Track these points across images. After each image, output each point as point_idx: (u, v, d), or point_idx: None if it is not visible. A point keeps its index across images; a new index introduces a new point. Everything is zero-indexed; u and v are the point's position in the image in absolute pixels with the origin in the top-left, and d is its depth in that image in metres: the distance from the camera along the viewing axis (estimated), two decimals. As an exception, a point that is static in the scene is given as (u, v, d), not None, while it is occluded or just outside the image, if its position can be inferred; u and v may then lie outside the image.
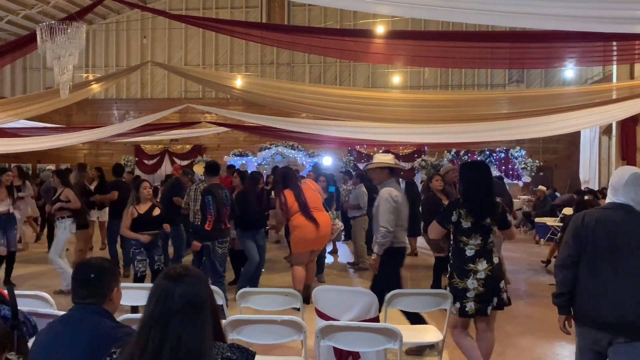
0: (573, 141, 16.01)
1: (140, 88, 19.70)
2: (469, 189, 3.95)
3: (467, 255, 3.84)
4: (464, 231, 3.86)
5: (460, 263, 3.87)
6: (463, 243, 3.87)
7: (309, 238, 6.39)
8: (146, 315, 1.68)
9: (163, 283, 1.69)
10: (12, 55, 7.80)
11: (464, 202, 3.93)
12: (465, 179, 4.02)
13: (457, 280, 3.87)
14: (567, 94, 8.68)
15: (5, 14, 17.19)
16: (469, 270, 3.82)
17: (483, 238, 3.86)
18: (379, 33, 7.12)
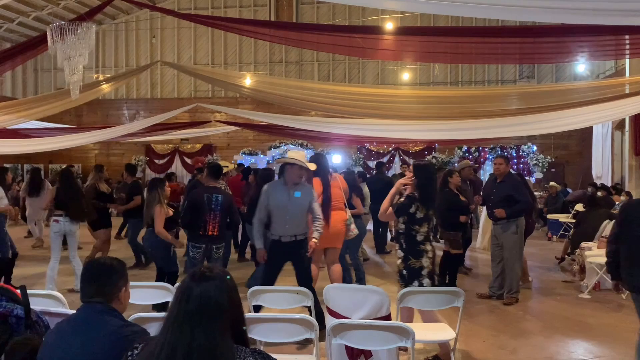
0: (585, 137, 15.86)
1: (150, 88, 19.80)
2: (424, 185, 4.55)
3: (418, 239, 4.51)
4: (418, 221, 4.51)
5: (414, 246, 4.51)
6: (415, 231, 4.51)
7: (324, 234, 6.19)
8: (168, 314, 1.70)
9: (186, 283, 1.71)
10: (23, 57, 7.86)
11: (419, 196, 4.52)
12: (421, 178, 4.57)
13: (413, 260, 4.49)
14: (579, 89, 8.59)
15: (16, 16, 17.34)
16: (422, 250, 4.49)
17: (429, 226, 4.59)
18: (387, 29, 7.09)
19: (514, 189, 6.56)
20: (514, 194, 6.49)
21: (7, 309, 2.51)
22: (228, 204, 5.88)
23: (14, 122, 9.22)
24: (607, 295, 6.76)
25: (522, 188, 6.73)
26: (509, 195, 6.50)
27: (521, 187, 6.70)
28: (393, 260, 9.39)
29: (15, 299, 2.55)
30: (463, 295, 3.89)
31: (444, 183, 6.96)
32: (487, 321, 5.84)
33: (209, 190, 5.84)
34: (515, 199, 6.47)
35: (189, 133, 14.79)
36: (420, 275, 4.44)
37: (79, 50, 6.71)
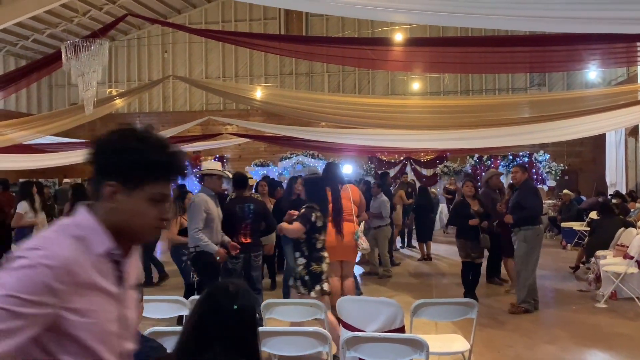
0: (598, 144, 15.73)
1: (162, 101, 20.00)
2: (319, 197, 4.93)
3: (318, 247, 4.81)
4: (319, 229, 4.80)
5: (315, 252, 4.79)
6: (315, 239, 4.80)
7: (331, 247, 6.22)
8: (188, 325, 1.73)
9: (206, 295, 1.74)
10: (38, 74, 8.02)
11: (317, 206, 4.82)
12: (316, 190, 4.97)
13: (315, 266, 4.75)
14: (591, 96, 8.56)
15: (31, 33, 17.65)
16: (322, 256, 4.81)
17: (324, 234, 4.92)
18: (397, 41, 7.13)
19: (522, 195, 6.57)
20: (521, 200, 6.50)
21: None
22: (262, 211, 5.99)
23: (30, 138, 9.38)
24: (624, 304, 6.67)
25: (531, 195, 6.71)
26: (518, 203, 6.52)
27: (529, 194, 6.69)
28: (402, 270, 9.40)
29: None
30: (477, 306, 3.87)
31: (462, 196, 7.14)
32: (502, 332, 5.79)
33: (240, 200, 5.88)
34: (522, 206, 6.48)
35: (201, 145, 14.91)
36: (320, 279, 4.70)
37: (93, 66, 6.83)
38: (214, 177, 5.35)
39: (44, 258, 1.23)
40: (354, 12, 5.85)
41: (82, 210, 1.37)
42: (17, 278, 1.20)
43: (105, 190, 1.34)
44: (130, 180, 1.34)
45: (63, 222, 1.36)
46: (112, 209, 1.35)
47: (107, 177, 1.34)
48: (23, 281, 1.20)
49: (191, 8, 19.42)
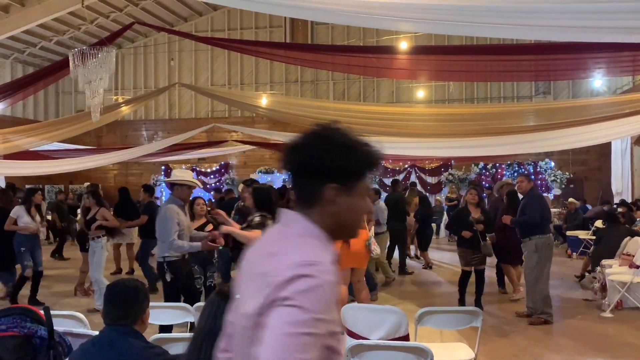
0: (603, 152, 15.68)
1: (168, 109, 20.09)
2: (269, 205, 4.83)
3: None
4: None
5: None
6: None
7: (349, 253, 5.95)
8: (199, 330, 1.74)
9: (215, 299, 1.75)
10: (45, 81, 8.09)
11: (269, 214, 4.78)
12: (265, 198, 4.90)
13: None
14: (596, 104, 8.54)
15: (38, 41, 17.80)
16: None
17: None
18: (402, 49, 7.16)
19: (527, 203, 6.58)
20: (524, 208, 6.52)
21: (31, 329, 2.56)
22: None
23: (37, 144, 9.44)
24: (630, 314, 6.63)
25: (534, 203, 6.70)
26: (522, 210, 6.54)
27: (532, 202, 6.68)
28: (406, 278, 9.37)
29: (39, 320, 2.61)
30: (481, 315, 3.86)
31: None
32: (508, 341, 5.76)
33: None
34: (524, 213, 6.48)
35: (206, 152, 14.95)
36: None
37: (100, 74, 6.87)
38: (184, 186, 5.28)
39: (326, 273, 1.21)
40: (360, 21, 5.88)
41: (296, 216, 1.34)
42: (315, 300, 1.17)
43: (326, 192, 1.32)
44: (349, 179, 1.34)
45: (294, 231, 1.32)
46: (332, 210, 1.33)
47: (328, 180, 1.32)
48: (320, 302, 1.17)
49: (197, 16, 19.55)
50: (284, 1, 4.41)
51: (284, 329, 1.13)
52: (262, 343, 1.15)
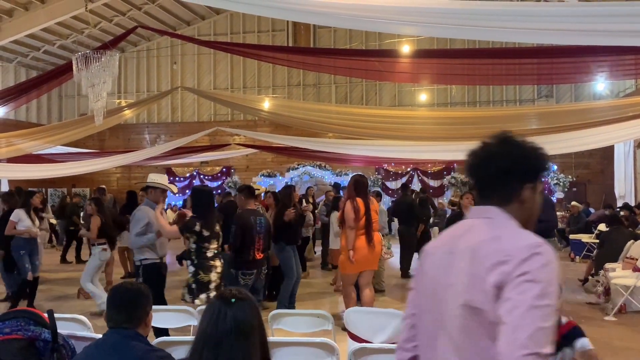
0: (606, 155, 15.66)
1: (171, 112, 20.13)
2: (205, 207, 5.02)
3: (208, 255, 4.91)
4: (206, 239, 4.90)
5: (204, 261, 4.90)
6: (205, 248, 4.91)
7: (360, 260, 6.03)
8: (199, 334, 1.75)
9: (217, 304, 1.75)
10: (49, 85, 8.11)
11: (200, 217, 4.94)
12: (202, 201, 5.06)
13: (202, 275, 4.87)
14: (599, 107, 8.55)
15: (42, 45, 17.87)
16: (211, 265, 4.90)
17: (218, 243, 5.04)
18: (404, 52, 7.17)
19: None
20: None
21: (35, 332, 2.57)
22: (269, 226, 6.02)
23: (40, 148, 9.47)
24: (634, 317, 6.62)
25: (548, 207, 6.66)
26: None
27: (546, 207, 6.63)
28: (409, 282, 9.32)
29: (43, 323, 2.61)
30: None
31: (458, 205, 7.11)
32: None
33: (252, 213, 5.83)
34: (539, 219, 6.42)
35: (209, 156, 14.97)
36: (208, 288, 4.82)
37: (103, 77, 6.90)
38: (158, 189, 5.43)
39: (550, 252, 1.42)
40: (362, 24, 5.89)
41: (497, 210, 1.57)
42: (549, 274, 1.38)
43: (524, 192, 1.57)
44: (537, 179, 1.61)
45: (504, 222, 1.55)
46: (527, 206, 1.60)
47: (526, 181, 1.58)
48: (552, 275, 1.38)
49: (200, 20, 19.61)
50: (287, 5, 4.43)
51: (531, 302, 1.33)
52: (507, 315, 1.34)
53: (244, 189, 6.15)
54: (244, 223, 5.64)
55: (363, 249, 6.00)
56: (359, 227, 5.96)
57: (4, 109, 8.39)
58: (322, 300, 7.90)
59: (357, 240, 5.97)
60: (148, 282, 5.24)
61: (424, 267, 1.69)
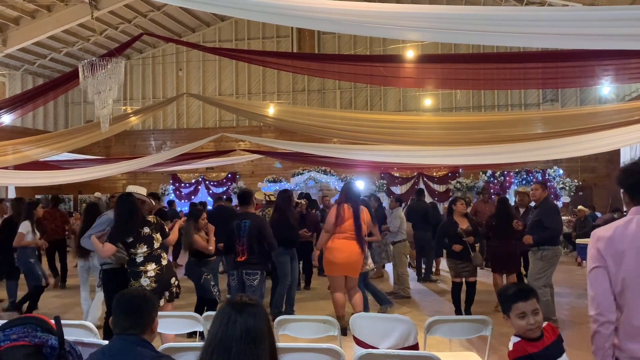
0: (612, 159, 15.59)
1: (176, 118, 20.21)
2: (121, 214, 4.99)
3: (137, 261, 4.87)
4: (131, 244, 4.88)
5: (133, 267, 4.88)
6: (134, 254, 4.87)
7: (338, 263, 6.25)
8: (209, 340, 1.75)
9: (227, 310, 1.76)
10: (55, 92, 8.16)
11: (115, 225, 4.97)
12: (120, 208, 5.03)
13: (132, 282, 4.85)
14: (604, 111, 8.49)
15: (48, 52, 18.00)
16: (141, 271, 4.84)
17: (148, 245, 4.90)
18: (408, 57, 7.17)
19: (544, 214, 6.49)
20: (543, 219, 6.41)
21: (42, 339, 2.57)
22: (257, 229, 5.91)
23: (46, 155, 9.50)
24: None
25: (553, 214, 6.65)
26: (539, 221, 6.43)
27: (552, 213, 6.62)
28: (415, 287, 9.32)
29: (50, 330, 2.62)
30: (491, 323, 3.84)
31: (449, 211, 7.19)
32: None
33: (239, 216, 6.02)
34: (544, 225, 6.38)
35: (214, 162, 15.00)
36: None
37: (109, 84, 6.94)
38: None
39: None
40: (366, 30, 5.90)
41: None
42: None
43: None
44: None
45: None
46: None
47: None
48: None
49: (205, 27, 19.70)
50: (291, 12, 4.44)
51: None
52: None
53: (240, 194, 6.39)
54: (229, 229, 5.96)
55: (345, 253, 6.18)
56: (343, 231, 6.23)
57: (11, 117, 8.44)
58: (322, 304, 7.88)
59: (340, 244, 6.22)
60: (106, 286, 5.56)
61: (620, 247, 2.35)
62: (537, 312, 2.64)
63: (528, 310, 2.60)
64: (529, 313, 2.60)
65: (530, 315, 2.60)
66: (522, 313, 2.60)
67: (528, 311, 2.60)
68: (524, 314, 2.60)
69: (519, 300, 2.61)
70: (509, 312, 2.67)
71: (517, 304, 2.61)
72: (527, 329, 2.60)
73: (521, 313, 2.60)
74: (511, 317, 2.65)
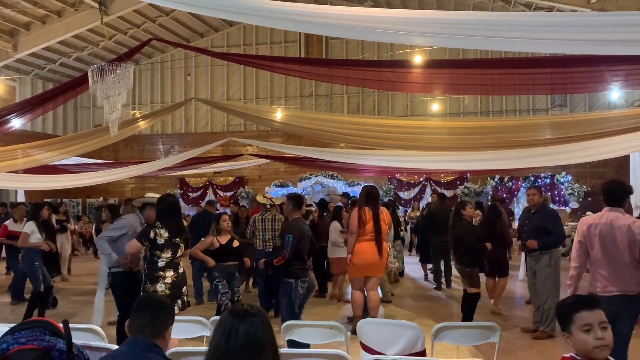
0: (622, 165, 15.47)
1: (185, 123, 20.30)
2: (167, 215, 4.92)
3: (159, 265, 4.81)
4: (159, 247, 4.81)
5: (153, 271, 4.81)
6: (157, 256, 4.81)
7: (363, 265, 6.38)
8: (211, 349, 1.75)
9: (229, 319, 1.75)
10: (65, 96, 8.21)
11: (161, 223, 4.87)
12: (166, 208, 4.97)
13: (149, 285, 4.80)
14: (613, 117, 8.44)
15: (58, 57, 18.15)
16: (159, 276, 4.80)
17: (173, 252, 4.87)
18: (416, 63, 7.16)
19: (547, 220, 6.47)
20: (548, 225, 6.39)
21: (50, 342, 2.58)
22: (310, 234, 6.10)
23: (56, 159, 9.56)
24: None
25: (556, 219, 6.63)
26: (542, 226, 6.40)
27: (555, 219, 6.60)
28: (422, 293, 9.29)
29: (58, 333, 2.63)
30: (499, 330, 3.82)
31: (457, 216, 6.74)
32: (526, 357, 5.68)
33: (301, 222, 5.94)
34: (548, 231, 6.36)
35: (222, 166, 15.05)
36: None
37: (118, 89, 6.98)
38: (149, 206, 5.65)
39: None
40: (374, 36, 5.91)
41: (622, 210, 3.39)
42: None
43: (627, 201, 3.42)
44: None
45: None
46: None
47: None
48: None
49: (213, 32, 19.80)
50: (299, 17, 4.45)
51: None
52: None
53: (292, 197, 6.13)
54: (300, 232, 5.72)
55: (366, 255, 6.30)
56: (364, 234, 6.32)
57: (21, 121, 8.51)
58: (327, 310, 7.86)
59: (363, 246, 6.31)
60: (114, 289, 5.61)
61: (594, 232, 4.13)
62: (606, 327, 2.11)
63: (594, 321, 2.10)
64: (596, 325, 2.09)
65: (598, 328, 2.09)
66: (587, 325, 2.09)
67: (595, 323, 2.10)
68: (590, 326, 2.10)
69: (582, 309, 2.13)
70: (569, 325, 2.15)
71: (580, 314, 2.12)
72: (593, 346, 2.08)
73: (586, 325, 2.10)
74: (572, 331, 2.14)
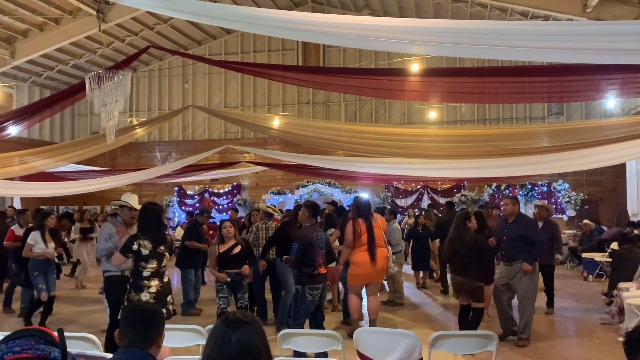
0: (618, 173, 15.53)
1: (182, 130, 20.30)
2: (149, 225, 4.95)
3: (144, 275, 4.86)
4: (144, 258, 4.85)
5: (138, 280, 4.86)
6: (142, 267, 4.85)
7: (364, 274, 6.51)
8: (205, 358, 1.74)
9: (221, 327, 1.74)
10: (62, 104, 8.21)
11: (142, 234, 4.91)
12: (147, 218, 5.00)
13: (133, 294, 4.84)
14: (610, 125, 8.47)
15: (55, 64, 18.16)
16: (144, 285, 4.84)
17: (159, 262, 4.93)
18: (413, 71, 7.19)
19: (528, 228, 6.52)
20: (529, 233, 6.43)
21: (45, 351, 2.55)
22: (327, 241, 6.16)
23: (52, 166, 9.54)
24: (649, 338, 6.48)
25: (535, 226, 6.70)
26: (523, 235, 6.41)
27: (534, 226, 6.68)
28: (419, 301, 9.26)
29: (53, 342, 2.61)
30: (496, 339, 3.81)
31: (463, 228, 6.27)
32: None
33: (316, 229, 6.01)
34: (530, 240, 6.38)
35: (219, 174, 15.04)
36: None
37: (115, 96, 6.98)
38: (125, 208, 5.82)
39: None
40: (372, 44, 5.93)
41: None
42: None
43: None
44: None
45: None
46: None
47: None
48: None
49: (211, 39, 19.85)
50: (297, 26, 4.47)
51: None
52: None
53: (310, 205, 6.15)
54: (307, 240, 5.79)
55: (366, 265, 6.42)
56: (361, 245, 6.43)
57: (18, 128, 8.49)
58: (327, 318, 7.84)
59: (361, 257, 6.44)
60: (108, 292, 5.71)
61: None
62: None
63: None
64: None
65: None
66: None
67: None
68: None
69: None
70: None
71: None
72: None
73: None
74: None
